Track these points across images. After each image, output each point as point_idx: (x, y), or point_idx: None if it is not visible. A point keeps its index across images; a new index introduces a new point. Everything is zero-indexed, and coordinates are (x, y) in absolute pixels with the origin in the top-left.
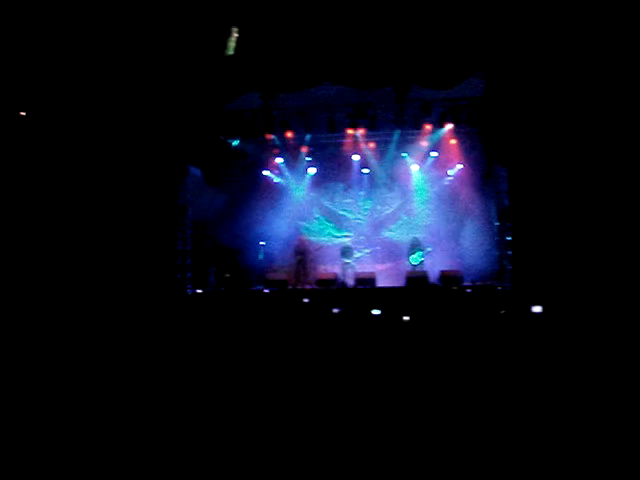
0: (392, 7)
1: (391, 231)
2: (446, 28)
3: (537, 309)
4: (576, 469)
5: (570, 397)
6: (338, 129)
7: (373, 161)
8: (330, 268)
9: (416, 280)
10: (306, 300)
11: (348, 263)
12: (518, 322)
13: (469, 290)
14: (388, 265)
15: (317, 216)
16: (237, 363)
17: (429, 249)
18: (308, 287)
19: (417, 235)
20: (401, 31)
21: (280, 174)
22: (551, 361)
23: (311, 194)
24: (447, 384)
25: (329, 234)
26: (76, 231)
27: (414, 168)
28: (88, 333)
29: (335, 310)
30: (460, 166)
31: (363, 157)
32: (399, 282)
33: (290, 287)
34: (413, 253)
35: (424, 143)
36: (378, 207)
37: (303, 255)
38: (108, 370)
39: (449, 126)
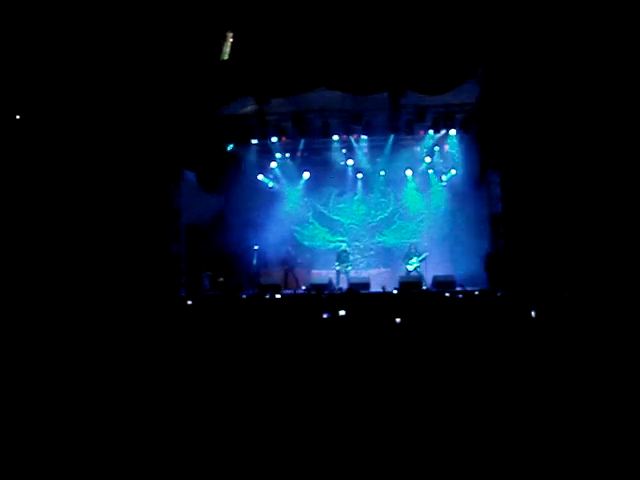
0: (386, 13)
1: (385, 236)
2: (440, 34)
3: (531, 314)
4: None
5: (560, 401)
6: (332, 134)
7: (367, 166)
8: (324, 273)
9: (410, 285)
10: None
11: (344, 268)
12: (511, 327)
13: (461, 295)
14: (382, 270)
15: (311, 221)
16: (228, 367)
17: (426, 254)
18: (299, 292)
19: (414, 241)
20: (395, 37)
21: (274, 179)
22: (543, 365)
23: (305, 199)
24: (435, 388)
25: (323, 239)
26: (70, 236)
27: (408, 173)
28: (82, 336)
29: (325, 315)
30: (454, 172)
31: (357, 162)
32: (393, 287)
33: (287, 291)
34: (410, 259)
35: (418, 149)
36: (372, 212)
37: (289, 265)
38: (102, 372)
39: (443, 132)
